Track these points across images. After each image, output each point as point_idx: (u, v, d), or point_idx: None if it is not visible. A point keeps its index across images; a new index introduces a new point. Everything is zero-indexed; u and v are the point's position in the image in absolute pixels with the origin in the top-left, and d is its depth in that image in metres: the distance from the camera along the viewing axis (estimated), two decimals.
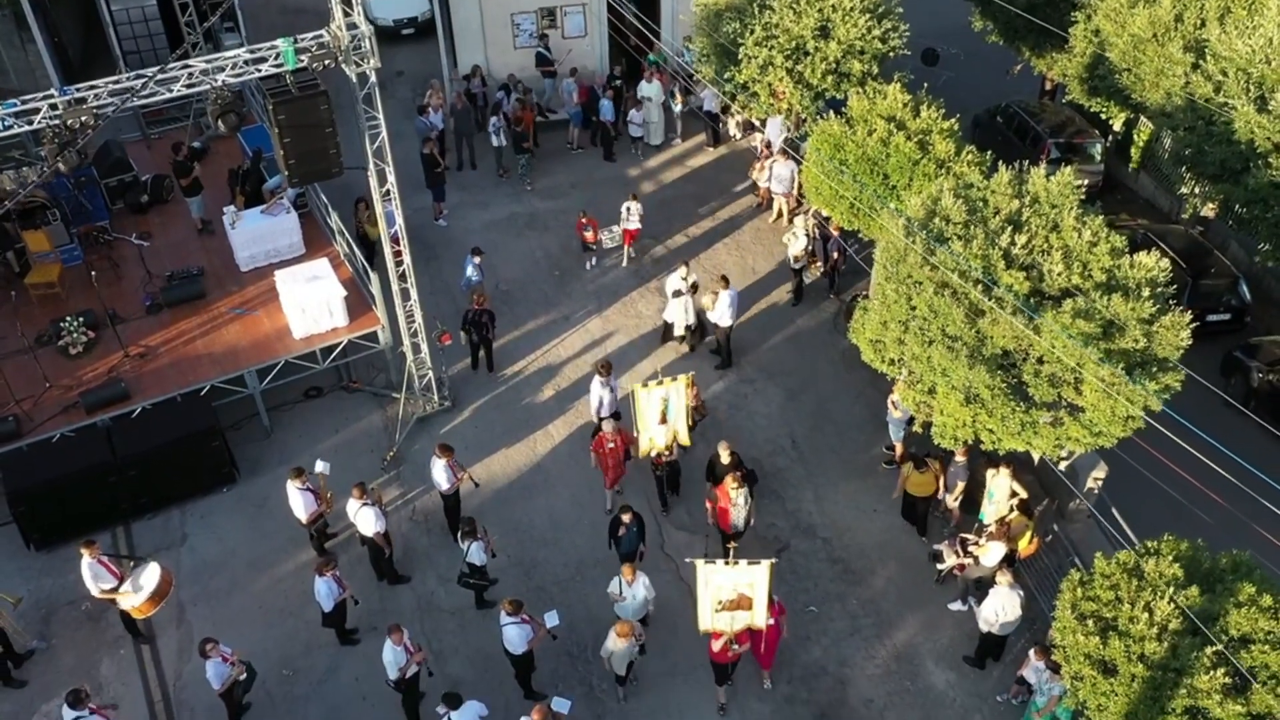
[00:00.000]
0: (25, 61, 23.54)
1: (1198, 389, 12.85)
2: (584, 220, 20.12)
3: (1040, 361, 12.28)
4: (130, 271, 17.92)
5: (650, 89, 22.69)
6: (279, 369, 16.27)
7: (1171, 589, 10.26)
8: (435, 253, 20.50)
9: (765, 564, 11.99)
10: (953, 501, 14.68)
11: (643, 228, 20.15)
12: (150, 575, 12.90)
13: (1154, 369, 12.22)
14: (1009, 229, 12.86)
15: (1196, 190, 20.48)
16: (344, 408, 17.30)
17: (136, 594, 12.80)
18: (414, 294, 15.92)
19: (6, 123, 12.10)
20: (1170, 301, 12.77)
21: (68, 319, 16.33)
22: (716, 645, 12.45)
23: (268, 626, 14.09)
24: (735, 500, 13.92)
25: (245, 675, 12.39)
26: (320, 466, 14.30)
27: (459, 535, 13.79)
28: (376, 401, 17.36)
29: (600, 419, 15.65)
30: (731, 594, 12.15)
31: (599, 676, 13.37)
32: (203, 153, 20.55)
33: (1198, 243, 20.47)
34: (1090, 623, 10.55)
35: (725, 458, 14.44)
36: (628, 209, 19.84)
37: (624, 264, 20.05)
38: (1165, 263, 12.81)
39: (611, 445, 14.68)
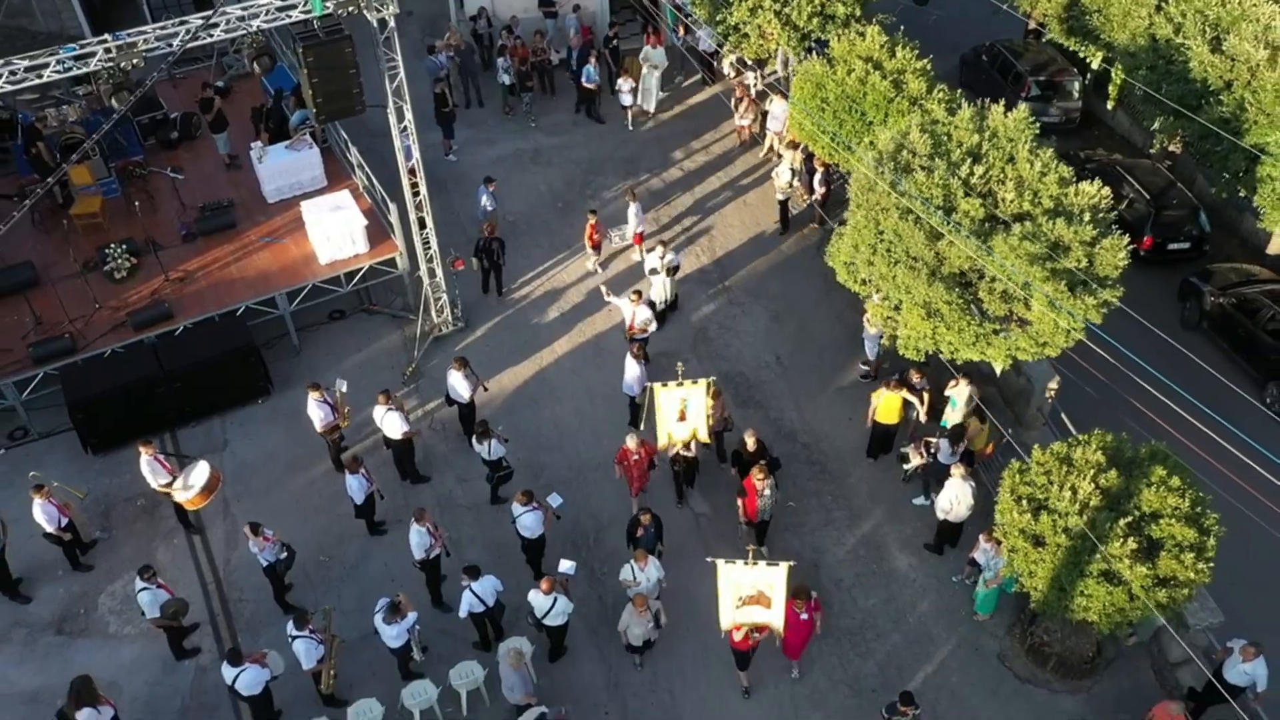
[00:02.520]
0: (52, 3, 24.65)
1: (1157, 311, 14.30)
2: (594, 223, 19.54)
3: (993, 280, 13.76)
4: (165, 203, 19.34)
5: (654, 54, 22.97)
6: (307, 292, 17.77)
7: (1094, 471, 11.86)
8: (446, 186, 21.82)
9: (783, 565, 12.41)
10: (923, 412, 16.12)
11: (646, 229, 19.99)
12: (201, 472, 14.51)
13: (1095, 286, 13.69)
14: (969, 160, 14.26)
15: (1162, 126, 21.74)
16: (365, 329, 18.83)
17: (189, 488, 14.43)
18: (429, 222, 17.35)
19: (66, 65, 13.45)
20: (1112, 226, 14.19)
21: (111, 246, 17.79)
22: (738, 635, 12.95)
23: (303, 521, 15.72)
24: (762, 491, 14.33)
25: (286, 554, 14.08)
26: (340, 385, 15.85)
27: (474, 438, 15.40)
28: (395, 323, 18.88)
29: (631, 397, 16.59)
30: (751, 590, 12.57)
31: (599, 561, 15.08)
32: (225, 92, 21.77)
33: (1162, 175, 21.70)
34: (1025, 503, 12.18)
35: (751, 445, 14.86)
36: (630, 212, 19.61)
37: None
38: (1107, 190, 14.19)
39: (636, 458, 14.90)
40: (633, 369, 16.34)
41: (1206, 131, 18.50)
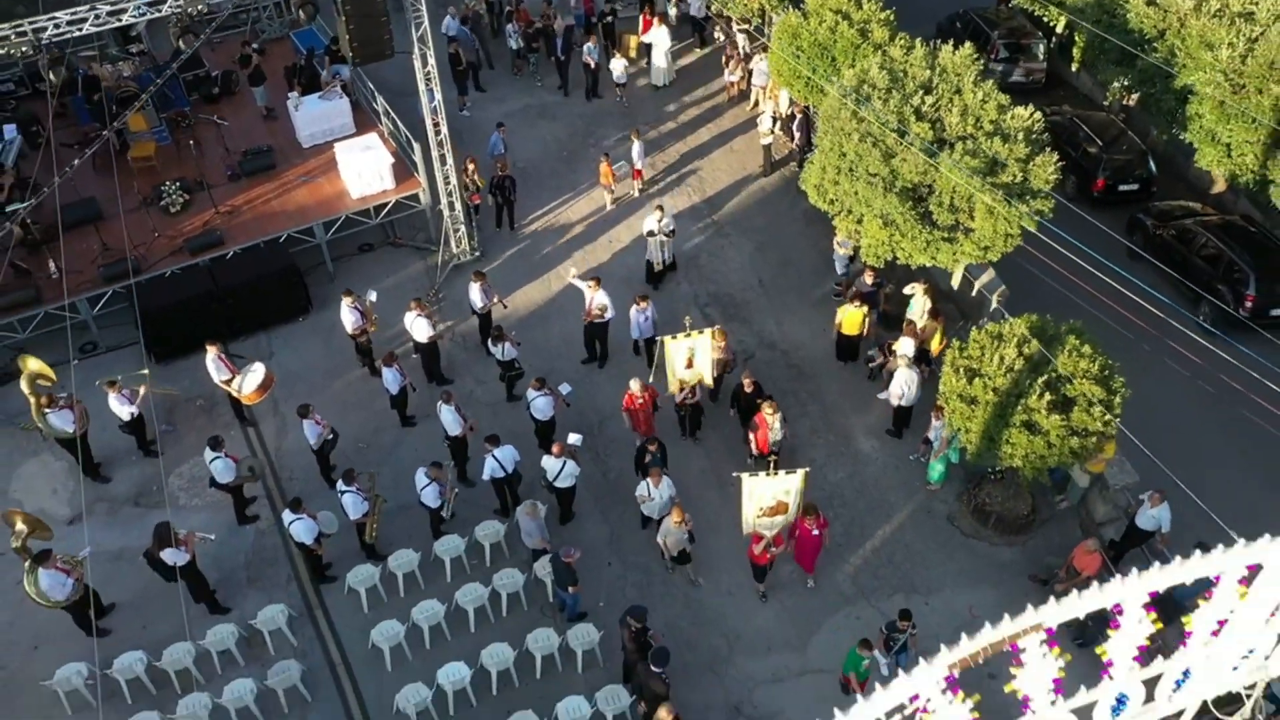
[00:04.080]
0: None
1: (1108, 244, 16.52)
2: (608, 165, 21.44)
3: (941, 194, 15.91)
4: (210, 149, 21.53)
5: (657, 35, 24.66)
6: (340, 222, 19.96)
7: (1017, 341, 14.04)
8: (461, 139, 23.82)
9: (800, 471, 14.14)
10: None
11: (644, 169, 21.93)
12: (257, 371, 16.70)
13: (1029, 198, 15.85)
14: (920, 91, 16.41)
15: (1109, 74, 23.85)
16: (391, 259, 21.03)
17: (246, 384, 16.61)
18: (450, 159, 19.52)
19: (141, 10, 15.64)
20: (1046, 148, 16.32)
21: (166, 184, 19.99)
22: (758, 549, 14.30)
23: (343, 418, 17.82)
24: (772, 425, 15.64)
25: (333, 435, 16.28)
26: (371, 294, 18.02)
27: (490, 340, 17.59)
28: (419, 254, 21.08)
29: (635, 342, 18.14)
30: (771, 501, 14.16)
31: (602, 445, 17.28)
32: (261, 53, 23.95)
33: (1115, 124, 23.85)
34: (962, 372, 14.37)
35: (748, 387, 16.30)
36: (633, 151, 21.37)
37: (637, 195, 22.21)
38: (1039, 115, 16.35)
39: (641, 401, 16.09)
40: (636, 317, 17.99)
41: (1145, 77, 20.65)
